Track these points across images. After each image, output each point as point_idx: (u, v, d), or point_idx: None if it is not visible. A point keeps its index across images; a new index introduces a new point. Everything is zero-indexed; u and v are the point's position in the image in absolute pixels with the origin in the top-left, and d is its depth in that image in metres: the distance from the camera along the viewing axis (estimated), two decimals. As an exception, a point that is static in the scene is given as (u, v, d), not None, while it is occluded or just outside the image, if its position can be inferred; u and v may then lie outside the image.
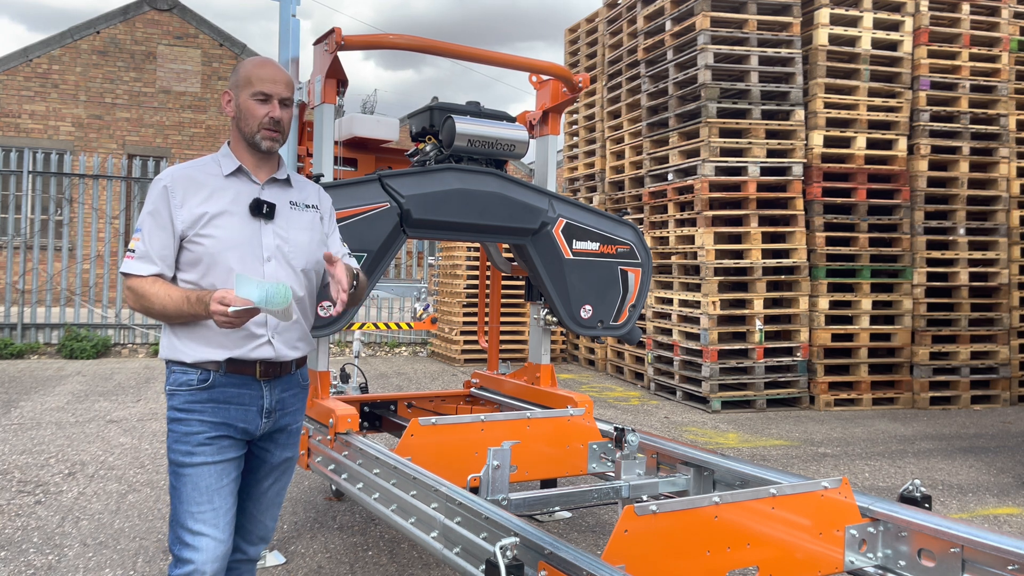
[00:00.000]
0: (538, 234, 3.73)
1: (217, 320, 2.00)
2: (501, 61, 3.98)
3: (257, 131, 2.22)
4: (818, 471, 5.54)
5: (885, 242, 8.46)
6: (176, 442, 2.16)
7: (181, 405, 2.16)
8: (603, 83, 10.40)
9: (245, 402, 2.20)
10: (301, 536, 3.98)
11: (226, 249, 2.15)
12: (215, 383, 2.16)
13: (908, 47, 8.38)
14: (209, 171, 2.24)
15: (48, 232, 10.69)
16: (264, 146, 2.23)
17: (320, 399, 3.63)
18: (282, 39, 3.85)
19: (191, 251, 2.16)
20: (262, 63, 2.28)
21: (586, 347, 11.10)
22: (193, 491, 2.14)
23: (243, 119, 2.23)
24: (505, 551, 1.96)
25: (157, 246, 2.15)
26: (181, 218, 2.14)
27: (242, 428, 2.21)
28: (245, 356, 2.17)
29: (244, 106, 2.22)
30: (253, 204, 2.22)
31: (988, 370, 8.52)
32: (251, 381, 2.20)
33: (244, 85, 2.23)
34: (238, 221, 2.19)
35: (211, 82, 17.33)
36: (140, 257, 2.15)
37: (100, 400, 7.40)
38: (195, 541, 2.13)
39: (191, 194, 2.17)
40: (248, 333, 2.17)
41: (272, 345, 2.21)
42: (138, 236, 2.16)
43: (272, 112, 2.22)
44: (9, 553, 3.64)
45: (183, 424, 2.16)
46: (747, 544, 2.37)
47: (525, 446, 3.44)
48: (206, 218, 2.16)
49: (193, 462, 2.14)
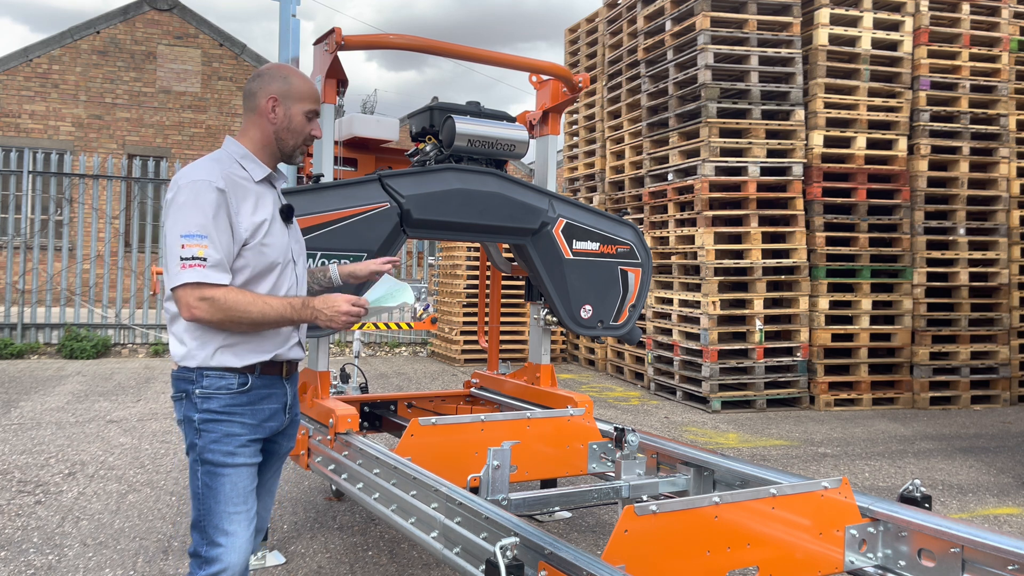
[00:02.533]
0: (538, 234, 3.73)
1: (340, 321, 2.10)
2: (501, 61, 3.98)
3: (300, 145, 2.27)
4: (818, 471, 5.54)
5: (885, 242, 8.46)
6: (215, 442, 2.14)
7: (221, 408, 2.15)
8: (603, 83, 10.40)
9: (274, 401, 2.26)
10: (301, 536, 3.98)
11: (276, 257, 2.21)
12: (253, 386, 2.19)
13: (908, 47, 8.38)
14: (240, 174, 2.19)
15: (48, 232, 10.70)
16: (298, 161, 2.31)
17: (320, 399, 3.63)
18: (282, 39, 3.85)
19: (245, 259, 2.14)
20: (308, 78, 2.31)
21: (586, 347, 11.10)
22: (232, 491, 2.14)
23: (290, 131, 2.24)
24: (505, 551, 1.96)
25: (226, 253, 2.09)
26: (243, 225, 2.12)
27: (271, 427, 2.26)
28: (284, 356, 2.25)
29: (295, 119, 2.24)
30: (284, 210, 2.28)
31: (988, 370, 8.52)
32: (278, 380, 2.27)
33: (299, 99, 2.23)
34: (279, 228, 2.24)
35: (211, 82, 17.33)
36: (214, 266, 2.04)
37: (100, 400, 7.40)
38: (227, 541, 2.13)
39: (241, 200, 2.14)
40: (286, 335, 2.25)
41: (301, 346, 2.34)
42: (203, 243, 2.03)
43: (315, 131, 2.27)
44: (9, 553, 3.64)
45: (224, 424, 2.15)
46: (747, 544, 2.37)
47: (525, 446, 3.44)
48: (266, 225, 2.17)
49: (235, 463, 2.15)
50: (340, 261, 3.13)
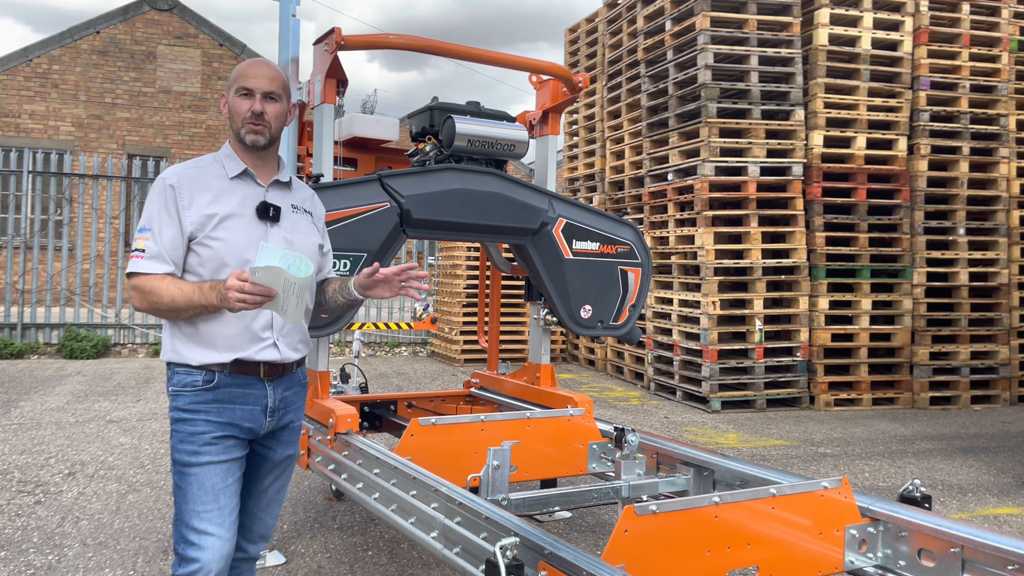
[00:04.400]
0: (538, 234, 3.73)
1: (233, 299, 1.93)
2: (500, 61, 3.98)
3: (241, 126, 2.22)
4: (818, 471, 5.54)
5: (885, 242, 8.46)
6: (181, 442, 2.16)
7: (186, 406, 2.16)
8: (603, 83, 10.40)
9: (250, 402, 2.21)
10: (301, 536, 3.98)
11: (234, 252, 2.15)
12: (220, 383, 2.17)
13: (908, 47, 8.38)
14: (213, 172, 2.23)
15: (48, 232, 10.70)
16: (248, 140, 2.23)
17: (320, 399, 3.63)
18: (282, 39, 3.85)
19: (198, 253, 2.15)
20: (251, 62, 2.29)
21: (586, 347, 11.10)
22: (199, 490, 2.14)
23: (232, 116, 2.25)
24: (505, 551, 1.96)
25: (168, 246, 2.13)
26: (190, 219, 2.13)
27: (247, 427, 2.22)
28: (251, 358, 2.18)
29: (231, 104, 2.24)
30: (260, 207, 2.22)
31: (988, 370, 8.52)
32: (255, 381, 2.21)
33: (231, 84, 2.25)
34: (246, 224, 2.20)
35: (211, 82, 17.33)
36: (152, 256, 2.11)
37: (100, 400, 7.40)
38: (200, 540, 2.13)
39: (197, 195, 2.16)
40: (254, 335, 2.18)
41: (277, 347, 2.23)
42: (147, 235, 2.12)
43: (253, 106, 2.21)
44: (9, 553, 3.64)
45: (188, 424, 2.16)
46: (747, 544, 2.37)
47: (525, 446, 3.44)
48: (215, 220, 2.15)
49: (199, 461, 2.14)
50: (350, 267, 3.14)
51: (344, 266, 3.24)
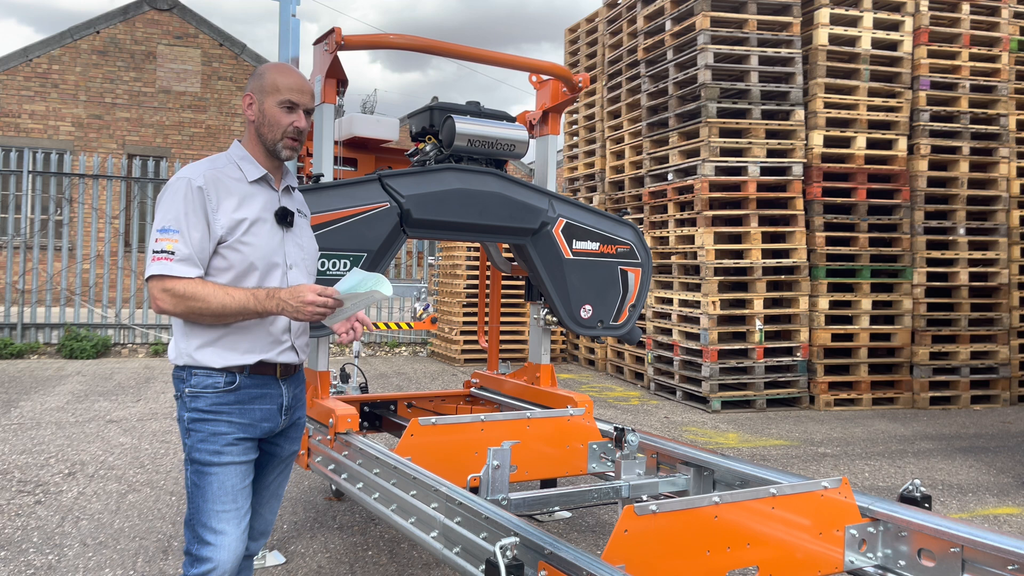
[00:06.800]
0: (538, 234, 3.73)
1: (310, 312, 2.04)
2: (500, 61, 3.98)
3: (280, 139, 2.22)
4: (818, 471, 5.54)
5: (885, 242, 8.46)
6: (202, 441, 2.15)
7: (208, 407, 2.16)
8: (603, 83, 10.40)
9: (268, 402, 2.24)
10: (301, 536, 3.98)
11: (263, 257, 2.18)
12: (241, 385, 2.18)
13: (908, 47, 8.38)
14: (231, 174, 2.21)
15: (48, 232, 10.69)
16: (284, 155, 2.24)
17: (320, 399, 3.63)
18: (282, 39, 3.85)
19: (226, 257, 2.14)
20: (288, 70, 2.26)
21: (586, 347, 11.10)
22: (219, 490, 2.15)
23: (266, 125, 2.22)
24: (505, 551, 1.96)
25: (197, 248, 2.10)
26: (220, 222, 2.12)
27: (266, 427, 2.25)
28: (272, 360, 2.23)
29: (269, 113, 2.21)
30: (279, 212, 2.24)
31: (988, 370, 8.52)
32: (272, 381, 2.25)
33: (270, 92, 2.21)
34: (268, 229, 2.21)
35: (211, 82, 17.33)
36: (183, 259, 2.07)
37: (100, 400, 7.40)
38: (217, 540, 2.14)
39: (224, 198, 2.14)
40: (275, 339, 2.23)
41: (295, 349, 2.29)
42: (174, 237, 2.07)
43: (297, 122, 2.22)
44: (9, 553, 3.64)
45: (211, 424, 2.16)
46: (747, 544, 2.37)
47: (525, 446, 3.44)
48: (245, 224, 2.15)
49: (221, 461, 2.16)
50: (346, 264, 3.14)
51: (344, 266, 3.25)
